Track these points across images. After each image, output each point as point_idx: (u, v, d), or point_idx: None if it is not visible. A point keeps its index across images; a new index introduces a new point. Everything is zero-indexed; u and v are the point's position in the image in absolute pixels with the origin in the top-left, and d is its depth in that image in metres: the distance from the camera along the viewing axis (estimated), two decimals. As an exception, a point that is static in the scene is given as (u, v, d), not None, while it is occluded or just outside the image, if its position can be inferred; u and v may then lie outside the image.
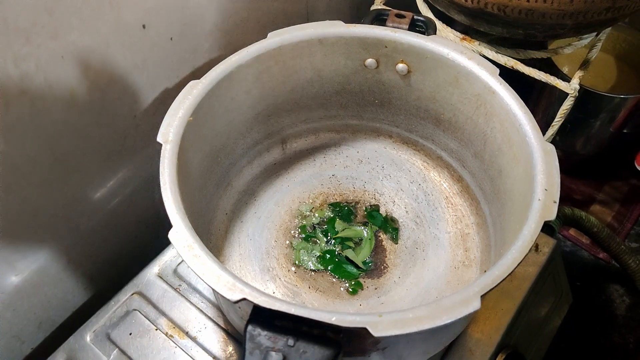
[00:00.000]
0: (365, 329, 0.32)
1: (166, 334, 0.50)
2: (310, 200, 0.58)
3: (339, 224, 0.56)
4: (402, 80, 0.55)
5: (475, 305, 0.33)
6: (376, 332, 0.32)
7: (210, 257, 0.36)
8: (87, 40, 0.44)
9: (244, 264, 0.53)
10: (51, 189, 0.48)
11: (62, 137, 0.46)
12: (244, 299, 0.33)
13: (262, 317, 0.33)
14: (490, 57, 0.60)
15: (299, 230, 0.56)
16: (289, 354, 0.32)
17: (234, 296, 0.33)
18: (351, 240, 0.55)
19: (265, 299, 0.33)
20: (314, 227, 0.56)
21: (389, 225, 0.56)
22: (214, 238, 0.54)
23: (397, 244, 0.55)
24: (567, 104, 0.57)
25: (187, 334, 0.50)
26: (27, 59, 0.40)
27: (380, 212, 0.58)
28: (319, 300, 0.51)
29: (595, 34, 0.65)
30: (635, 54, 0.78)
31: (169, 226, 0.38)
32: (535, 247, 0.56)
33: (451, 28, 0.64)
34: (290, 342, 0.32)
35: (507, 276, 0.35)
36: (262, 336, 0.33)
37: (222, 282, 0.34)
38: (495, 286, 0.35)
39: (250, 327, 0.33)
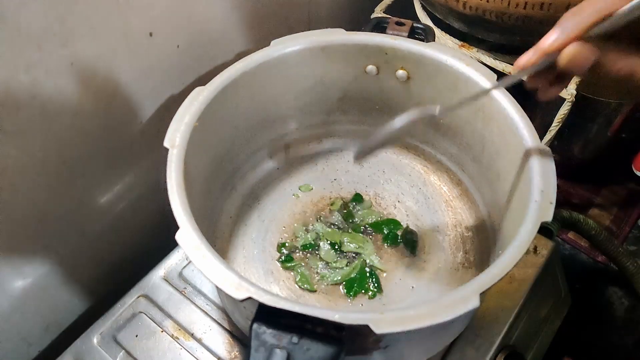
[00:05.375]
0: (367, 327, 0.32)
1: (172, 336, 0.51)
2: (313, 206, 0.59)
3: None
4: (402, 86, 0.56)
5: (474, 302, 0.34)
6: (378, 329, 0.32)
7: (217, 258, 0.37)
8: (95, 48, 0.45)
9: (248, 266, 0.54)
10: (58, 193, 0.49)
11: (70, 141, 0.47)
12: (250, 298, 0.34)
13: (267, 315, 0.34)
14: (488, 63, 0.61)
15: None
16: (293, 351, 0.33)
17: (240, 295, 0.34)
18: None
19: (270, 298, 0.34)
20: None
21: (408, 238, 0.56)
22: (219, 241, 0.54)
23: (415, 255, 0.55)
24: (565, 109, 0.58)
25: (192, 335, 0.51)
26: (38, 66, 0.41)
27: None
28: (321, 301, 0.51)
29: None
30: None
31: (175, 230, 0.38)
32: (534, 249, 0.57)
33: (450, 35, 0.65)
34: (295, 339, 0.33)
35: (505, 275, 0.36)
36: (267, 334, 0.33)
37: (228, 281, 0.35)
38: (494, 284, 0.35)
39: (255, 325, 0.34)
